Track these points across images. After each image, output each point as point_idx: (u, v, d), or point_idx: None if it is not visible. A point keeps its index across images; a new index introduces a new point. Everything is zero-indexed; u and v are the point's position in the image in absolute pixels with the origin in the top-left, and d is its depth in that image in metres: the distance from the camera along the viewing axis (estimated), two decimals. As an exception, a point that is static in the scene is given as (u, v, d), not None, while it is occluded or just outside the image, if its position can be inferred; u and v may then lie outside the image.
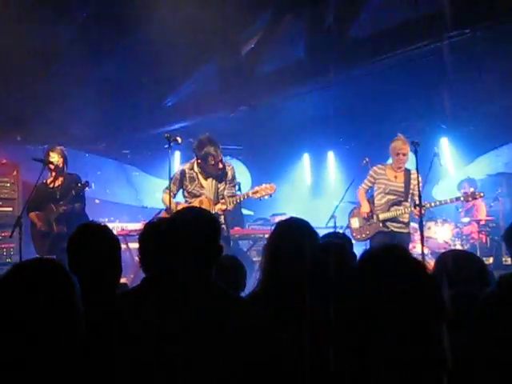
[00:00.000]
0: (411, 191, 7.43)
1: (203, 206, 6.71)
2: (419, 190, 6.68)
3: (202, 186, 7.18)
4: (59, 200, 7.51)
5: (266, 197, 6.91)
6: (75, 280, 2.23)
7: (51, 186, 7.71)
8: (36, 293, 2.10)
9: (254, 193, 6.92)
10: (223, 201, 6.98)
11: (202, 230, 2.69)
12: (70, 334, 2.14)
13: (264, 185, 6.95)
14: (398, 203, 7.46)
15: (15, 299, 2.10)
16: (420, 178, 6.88)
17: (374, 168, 7.72)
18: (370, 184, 7.70)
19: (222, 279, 2.71)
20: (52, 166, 7.60)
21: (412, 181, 7.42)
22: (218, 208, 6.86)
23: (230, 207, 6.98)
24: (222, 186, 7.15)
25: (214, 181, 7.13)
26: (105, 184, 11.73)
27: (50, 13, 7.95)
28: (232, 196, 7.11)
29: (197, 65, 9.74)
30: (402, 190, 7.46)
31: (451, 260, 3.27)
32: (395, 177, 7.52)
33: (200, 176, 7.19)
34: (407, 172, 7.51)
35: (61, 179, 7.72)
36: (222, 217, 6.96)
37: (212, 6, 7.59)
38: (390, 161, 7.73)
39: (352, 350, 2.19)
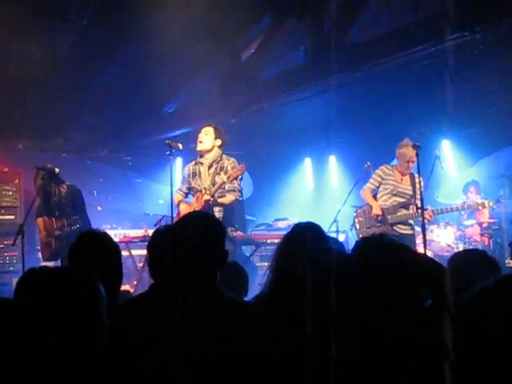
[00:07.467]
0: (416, 195, 7.43)
1: (199, 200, 6.71)
2: (421, 194, 6.72)
3: (200, 177, 7.05)
4: (58, 216, 7.54)
5: (240, 176, 6.79)
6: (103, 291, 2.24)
7: (52, 198, 7.70)
8: (65, 299, 2.11)
9: (228, 178, 6.76)
10: (208, 191, 6.74)
11: (205, 235, 2.68)
12: (93, 339, 2.15)
13: (236, 167, 6.84)
14: (406, 206, 7.45)
15: (44, 305, 2.10)
16: (422, 182, 6.92)
17: (382, 168, 7.63)
18: (376, 184, 7.59)
19: (223, 285, 2.70)
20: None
21: (417, 184, 7.41)
22: (204, 199, 6.65)
23: (213, 195, 6.73)
24: (219, 178, 6.95)
25: (209, 168, 7.02)
26: (107, 191, 11.73)
27: (49, 20, 7.98)
28: (226, 190, 6.95)
29: (197, 71, 9.75)
30: (410, 193, 7.45)
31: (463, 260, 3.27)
32: (401, 179, 7.52)
33: (199, 166, 7.09)
34: (411, 176, 7.50)
35: (59, 194, 7.69)
36: (221, 214, 6.76)
37: (211, 11, 7.61)
38: (394, 162, 7.72)
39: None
